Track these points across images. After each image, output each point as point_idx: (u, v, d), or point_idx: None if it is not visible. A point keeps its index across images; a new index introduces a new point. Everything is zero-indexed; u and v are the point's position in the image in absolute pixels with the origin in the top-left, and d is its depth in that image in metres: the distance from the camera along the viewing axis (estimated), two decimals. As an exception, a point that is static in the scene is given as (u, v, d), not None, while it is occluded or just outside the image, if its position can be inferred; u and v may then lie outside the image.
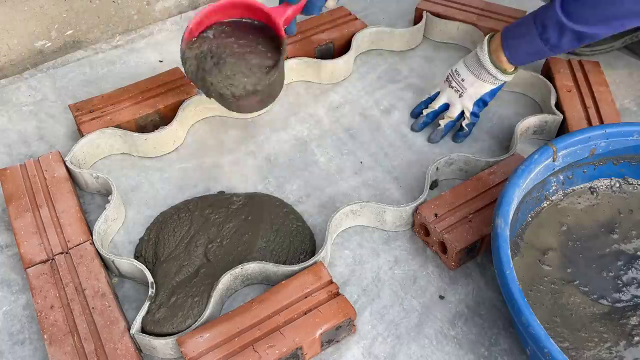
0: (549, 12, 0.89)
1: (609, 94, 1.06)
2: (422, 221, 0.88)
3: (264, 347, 0.73)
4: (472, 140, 1.06)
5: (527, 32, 0.92)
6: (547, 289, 0.81)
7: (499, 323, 0.81)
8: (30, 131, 1.09)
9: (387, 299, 0.84)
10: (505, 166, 0.94)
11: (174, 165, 1.03)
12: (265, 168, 1.02)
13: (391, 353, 0.78)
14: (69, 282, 0.81)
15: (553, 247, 0.85)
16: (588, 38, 0.89)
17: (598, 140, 0.87)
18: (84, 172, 0.95)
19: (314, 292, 0.79)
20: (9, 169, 0.96)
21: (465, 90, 1.01)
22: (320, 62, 1.14)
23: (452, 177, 1.00)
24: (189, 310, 0.79)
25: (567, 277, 0.82)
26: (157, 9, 1.33)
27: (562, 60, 1.12)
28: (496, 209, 0.76)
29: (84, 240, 0.86)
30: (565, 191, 0.91)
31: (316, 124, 1.10)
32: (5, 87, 1.18)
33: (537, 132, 1.06)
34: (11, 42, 1.19)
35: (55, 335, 0.76)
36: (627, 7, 0.83)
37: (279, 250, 0.88)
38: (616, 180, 0.92)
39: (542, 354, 0.64)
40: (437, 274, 0.87)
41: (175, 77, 1.10)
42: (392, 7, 1.36)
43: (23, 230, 0.87)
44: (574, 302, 0.79)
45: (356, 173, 1.01)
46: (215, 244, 0.88)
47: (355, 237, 0.92)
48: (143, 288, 0.86)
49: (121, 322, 0.77)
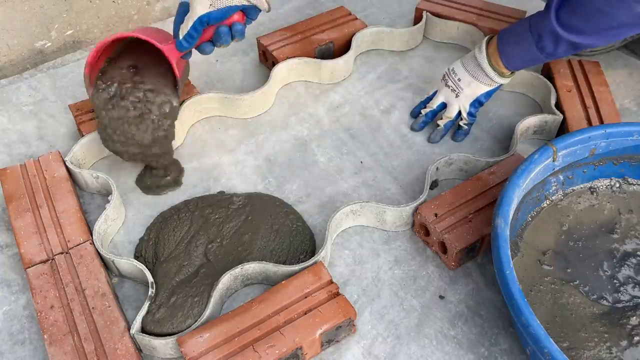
0: (544, 22, 0.88)
1: (609, 94, 1.06)
2: (422, 221, 0.88)
3: (264, 347, 0.73)
4: (472, 140, 1.06)
5: (522, 40, 0.92)
6: (547, 289, 0.81)
7: (499, 323, 0.81)
8: (30, 131, 1.09)
9: (387, 299, 0.84)
10: (505, 166, 0.94)
11: (174, 165, 1.03)
12: (265, 168, 1.02)
13: (391, 353, 0.78)
14: (69, 282, 0.81)
15: (553, 247, 0.85)
16: (584, 47, 0.89)
17: (598, 140, 0.87)
18: (84, 172, 0.95)
19: (314, 292, 0.79)
20: (9, 169, 0.96)
21: (461, 91, 1.01)
22: (320, 62, 1.14)
23: (452, 177, 1.00)
24: (189, 310, 0.79)
25: (567, 277, 0.82)
26: (157, 9, 1.33)
27: (562, 60, 1.12)
28: (496, 209, 0.76)
29: (84, 240, 0.86)
30: (565, 191, 0.91)
31: (316, 123, 1.10)
32: (5, 87, 1.18)
33: (537, 132, 1.06)
34: (11, 42, 1.19)
35: (55, 335, 0.76)
36: (620, 19, 0.83)
37: (279, 250, 0.88)
38: (616, 180, 0.92)
39: (542, 354, 0.64)
40: (437, 274, 0.87)
41: (175, 77, 1.10)
42: (392, 7, 1.36)
43: (23, 230, 0.87)
44: (574, 302, 0.79)
45: (356, 173, 1.01)
46: (215, 244, 0.88)
47: (355, 237, 0.92)
48: (143, 288, 0.86)
49: (121, 322, 0.77)
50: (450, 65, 1.04)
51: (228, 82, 1.18)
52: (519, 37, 0.93)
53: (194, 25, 0.86)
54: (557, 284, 0.81)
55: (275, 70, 1.12)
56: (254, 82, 1.18)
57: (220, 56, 1.23)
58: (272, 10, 1.34)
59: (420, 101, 1.10)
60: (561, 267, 0.83)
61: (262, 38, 1.18)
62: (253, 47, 1.25)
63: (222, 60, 1.23)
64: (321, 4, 1.36)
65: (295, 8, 1.36)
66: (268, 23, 1.31)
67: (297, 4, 1.37)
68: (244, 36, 0.90)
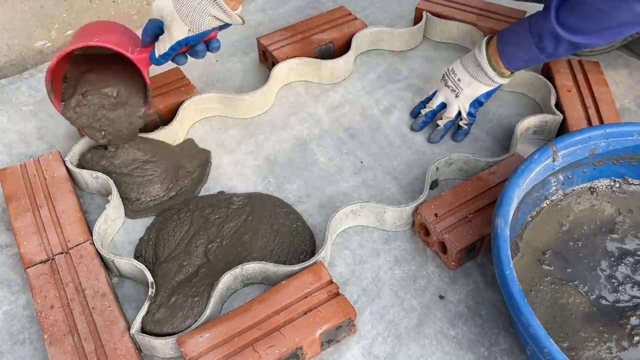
0: (544, 23, 0.88)
1: (609, 94, 1.06)
2: (422, 221, 0.88)
3: (264, 347, 0.73)
4: (472, 140, 1.06)
5: (523, 41, 0.92)
6: (547, 289, 0.81)
7: (499, 323, 0.81)
8: (30, 131, 1.09)
9: (387, 299, 0.84)
10: (505, 166, 0.94)
11: (174, 165, 1.03)
12: (265, 168, 1.02)
13: (391, 353, 0.78)
14: (69, 282, 0.81)
15: (553, 247, 0.85)
16: (585, 47, 0.89)
17: (598, 140, 0.87)
18: (84, 172, 0.95)
19: (314, 292, 0.79)
20: (9, 169, 0.96)
21: (461, 91, 1.01)
22: (320, 62, 1.14)
23: (452, 177, 1.00)
24: (189, 310, 0.79)
25: (567, 277, 0.82)
26: (157, 9, 1.33)
27: (562, 60, 1.12)
28: (496, 209, 0.76)
29: (84, 240, 0.86)
30: (565, 191, 0.91)
31: (316, 123, 1.10)
32: (5, 87, 1.18)
33: (537, 132, 1.06)
34: (11, 42, 1.19)
35: (55, 335, 0.76)
36: (620, 19, 0.83)
37: (279, 250, 0.88)
38: (616, 180, 0.92)
39: (542, 354, 0.64)
40: (437, 274, 0.87)
41: (175, 77, 1.10)
42: (392, 7, 1.36)
43: (23, 230, 0.87)
44: (574, 302, 0.79)
45: (356, 173, 1.01)
46: (215, 244, 0.88)
47: (355, 237, 0.92)
48: (143, 288, 0.86)
49: (121, 322, 0.77)
50: (450, 66, 1.04)
51: (228, 82, 1.18)
52: (519, 37, 0.92)
53: (172, 47, 0.86)
54: (557, 283, 0.81)
55: (275, 70, 1.12)
56: (254, 82, 1.18)
57: (220, 56, 1.23)
58: (272, 10, 1.35)
59: (420, 101, 1.10)
60: (561, 267, 0.83)
61: (262, 38, 1.18)
62: (253, 47, 1.25)
63: (222, 60, 1.23)
64: (321, 4, 1.36)
65: (295, 8, 1.36)
66: (268, 23, 1.31)
67: (297, 4, 1.37)
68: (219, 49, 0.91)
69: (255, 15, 1.34)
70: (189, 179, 0.98)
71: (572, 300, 0.79)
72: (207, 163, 1.01)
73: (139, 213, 0.94)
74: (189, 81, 1.10)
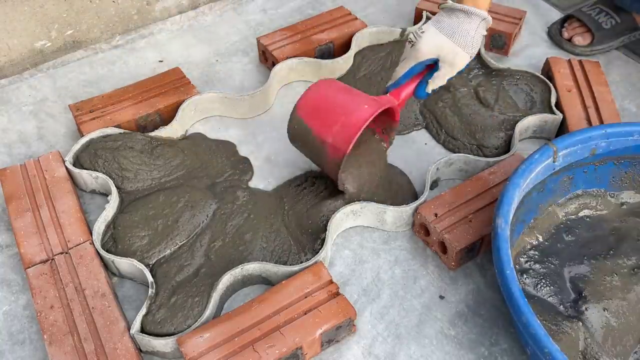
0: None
1: (609, 94, 1.06)
2: (422, 221, 0.88)
3: (264, 347, 0.73)
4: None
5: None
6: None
7: (499, 323, 0.81)
8: (30, 131, 1.09)
9: (387, 299, 0.84)
10: (505, 166, 0.94)
11: (174, 165, 1.03)
12: (265, 168, 1.02)
13: (391, 353, 0.78)
14: (68, 282, 0.81)
15: (552, 247, 0.85)
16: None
17: (598, 140, 0.87)
18: (84, 172, 0.95)
19: (314, 292, 0.79)
20: (9, 169, 0.96)
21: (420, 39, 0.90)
22: (320, 62, 1.14)
23: (452, 177, 1.00)
24: (189, 311, 0.79)
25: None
26: (157, 9, 1.33)
27: (562, 60, 1.12)
28: (496, 209, 0.76)
29: (84, 240, 0.86)
30: (565, 191, 0.90)
31: (316, 124, 1.09)
32: (5, 87, 1.18)
33: (537, 131, 1.06)
34: (11, 42, 1.19)
35: (55, 335, 0.76)
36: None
37: (279, 250, 0.88)
38: (616, 181, 0.92)
39: (542, 354, 0.64)
40: (437, 274, 0.87)
41: (175, 77, 1.10)
42: (392, 7, 1.36)
43: (23, 230, 0.87)
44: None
45: (356, 173, 1.01)
46: (218, 243, 0.88)
47: (356, 237, 0.92)
48: (143, 288, 0.86)
49: (121, 322, 0.77)
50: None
51: (228, 82, 1.18)
52: None
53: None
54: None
55: (275, 70, 1.12)
56: (254, 82, 1.18)
57: (220, 56, 1.23)
58: (272, 10, 1.35)
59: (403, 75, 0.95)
60: (561, 267, 0.83)
61: (262, 38, 1.18)
62: (253, 47, 1.25)
63: (222, 60, 1.23)
64: (321, 4, 1.36)
65: (295, 8, 1.36)
66: (268, 23, 1.31)
67: (297, 4, 1.37)
68: None
69: (255, 15, 1.34)
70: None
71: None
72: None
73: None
74: (189, 81, 1.10)
